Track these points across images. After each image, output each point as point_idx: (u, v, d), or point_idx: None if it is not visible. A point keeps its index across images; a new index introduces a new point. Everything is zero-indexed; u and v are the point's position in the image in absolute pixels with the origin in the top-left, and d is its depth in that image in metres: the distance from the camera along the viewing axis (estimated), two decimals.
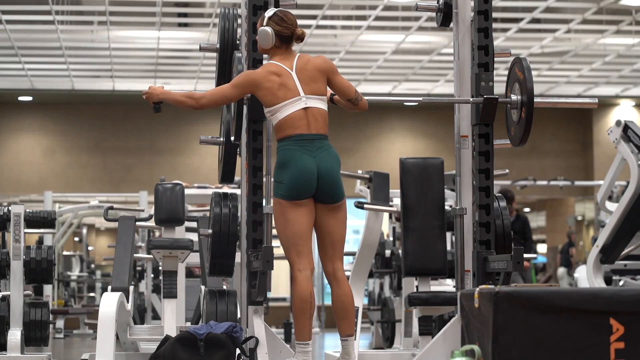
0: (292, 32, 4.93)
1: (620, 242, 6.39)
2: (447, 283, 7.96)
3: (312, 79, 4.88)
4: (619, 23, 12.82)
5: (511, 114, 5.19)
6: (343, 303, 4.87)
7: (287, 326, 11.22)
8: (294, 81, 4.86)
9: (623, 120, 6.39)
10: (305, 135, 4.82)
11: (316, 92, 4.88)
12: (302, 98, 4.85)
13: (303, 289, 4.79)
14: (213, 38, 12.55)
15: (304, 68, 4.89)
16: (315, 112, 4.85)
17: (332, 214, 4.88)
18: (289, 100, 4.83)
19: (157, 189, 7.00)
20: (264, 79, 4.85)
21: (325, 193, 4.83)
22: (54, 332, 11.88)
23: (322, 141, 4.85)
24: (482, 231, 5.09)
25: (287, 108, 4.83)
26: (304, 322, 4.78)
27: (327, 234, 4.91)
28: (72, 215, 13.47)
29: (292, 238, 4.83)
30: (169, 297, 6.71)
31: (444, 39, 13.07)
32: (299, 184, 4.77)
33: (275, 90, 4.84)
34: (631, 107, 17.47)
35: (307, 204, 4.82)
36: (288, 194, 4.79)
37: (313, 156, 4.81)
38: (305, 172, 4.78)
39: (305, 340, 4.78)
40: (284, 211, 4.82)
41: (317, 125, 4.85)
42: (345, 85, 4.97)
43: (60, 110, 16.77)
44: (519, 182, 14.62)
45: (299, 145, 4.81)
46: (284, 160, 4.82)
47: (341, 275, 4.92)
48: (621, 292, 4.16)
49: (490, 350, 3.99)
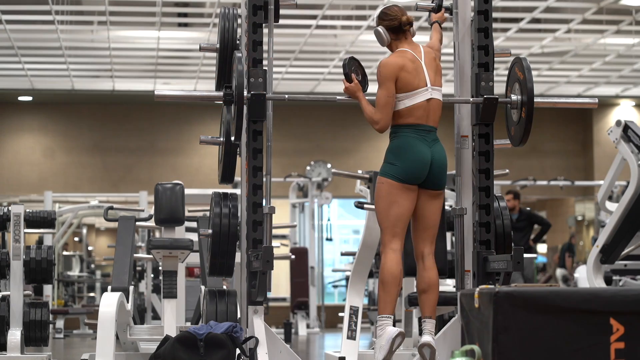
0: (399, 21, 5.14)
1: (620, 242, 6.39)
2: (447, 283, 7.95)
3: (435, 70, 5.07)
4: (619, 23, 12.82)
5: (511, 114, 5.19)
6: (425, 283, 5.01)
7: (287, 326, 11.22)
8: (423, 71, 5.03)
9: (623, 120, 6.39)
10: (424, 126, 4.98)
11: (438, 83, 5.07)
12: (428, 89, 5.01)
13: (395, 266, 4.93)
14: (213, 38, 12.54)
15: (430, 58, 5.08)
16: (435, 104, 5.02)
17: (432, 200, 5.02)
18: (418, 90, 4.99)
19: (157, 189, 7.00)
20: (404, 67, 5.01)
21: (433, 181, 4.98)
22: (54, 332, 11.88)
23: (435, 134, 5.03)
24: (482, 231, 5.09)
25: (414, 97, 4.99)
26: (391, 295, 4.92)
27: (423, 218, 5.03)
28: (72, 215, 13.47)
29: (393, 219, 4.97)
30: (169, 297, 6.71)
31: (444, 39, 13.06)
32: (414, 169, 4.93)
33: (411, 77, 4.99)
34: (631, 107, 17.46)
35: (415, 190, 4.97)
36: (401, 176, 4.94)
37: (429, 146, 4.96)
38: (421, 159, 4.93)
39: (388, 313, 4.90)
40: (391, 192, 4.96)
41: (434, 118, 5.02)
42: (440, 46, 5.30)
43: (60, 110, 16.76)
44: (519, 182, 14.62)
45: (418, 135, 4.97)
46: (401, 145, 4.97)
47: (429, 258, 5.04)
48: (621, 292, 4.16)
49: (490, 350, 3.99)
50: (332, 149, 16.69)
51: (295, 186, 14.75)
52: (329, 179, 14.65)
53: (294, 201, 14.65)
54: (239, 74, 4.94)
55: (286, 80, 15.55)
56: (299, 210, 14.75)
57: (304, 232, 14.73)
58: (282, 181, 14.49)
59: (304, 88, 16.07)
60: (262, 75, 5.04)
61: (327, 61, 14.55)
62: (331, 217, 14.84)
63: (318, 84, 15.83)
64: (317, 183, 14.40)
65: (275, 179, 13.50)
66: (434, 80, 5.04)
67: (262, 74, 5.05)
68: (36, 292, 12.15)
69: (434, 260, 5.06)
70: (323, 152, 16.37)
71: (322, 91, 16.03)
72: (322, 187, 14.44)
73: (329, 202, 14.36)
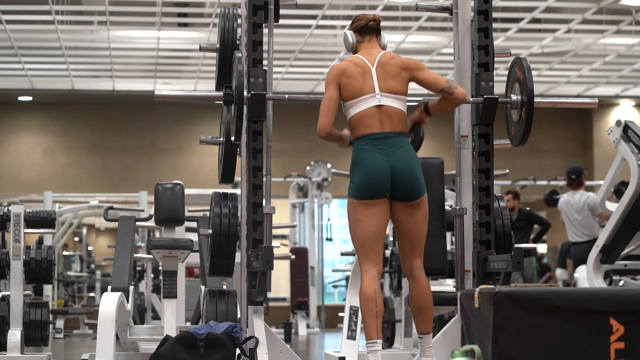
0: (366, 20, 5.01)
1: (620, 242, 6.39)
2: (447, 283, 7.96)
3: (391, 76, 4.83)
4: (619, 23, 12.82)
5: (511, 114, 5.19)
6: (419, 301, 4.81)
7: (287, 326, 11.22)
8: (372, 77, 4.84)
9: (623, 120, 6.39)
10: (377, 134, 4.77)
11: (393, 90, 4.82)
12: (375, 95, 4.81)
13: (367, 288, 4.72)
14: (213, 38, 12.54)
15: (387, 63, 4.86)
16: (389, 110, 4.79)
17: (410, 211, 4.79)
18: (363, 97, 4.81)
19: (157, 189, 7.00)
20: (345, 71, 4.85)
21: (401, 191, 4.75)
22: (54, 332, 11.88)
23: (397, 139, 4.78)
24: (482, 231, 5.09)
25: (359, 104, 4.81)
26: (371, 320, 4.71)
27: (405, 232, 4.83)
28: (72, 215, 13.47)
29: (360, 239, 4.78)
30: (169, 297, 6.70)
31: (444, 39, 13.07)
32: (369, 183, 4.72)
33: (354, 84, 4.82)
34: (631, 107, 17.47)
35: (380, 203, 4.75)
36: (358, 193, 4.75)
37: (386, 155, 4.74)
38: (375, 171, 4.72)
39: (372, 339, 4.70)
40: (354, 211, 4.78)
41: (391, 124, 4.78)
42: (432, 78, 4.85)
43: (60, 110, 16.77)
44: (519, 182, 14.62)
45: (371, 145, 4.76)
46: (355, 159, 4.79)
47: (419, 273, 4.83)
48: (621, 292, 4.16)
49: (490, 350, 3.99)
50: (332, 149, 16.60)
51: (295, 186, 14.75)
52: (329, 179, 14.65)
53: (294, 201, 14.65)
54: (239, 74, 4.93)
55: (286, 80, 15.56)
56: (299, 210, 14.75)
57: (304, 232, 14.73)
58: (282, 181, 14.49)
59: (304, 88, 16.07)
60: (262, 75, 5.05)
61: (327, 61, 14.55)
62: (331, 217, 14.84)
63: (318, 84, 15.83)
64: (317, 183, 14.40)
65: (275, 179, 13.51)
66: (385, 86, 4.80)
67: (262, 74, 5.05)
68: (36, 292, 12.15)
69: (424, 274, 4.86)
70: (323, 152, 16.37)
71: (322, 91, 15.99)
72: (322, 187, 14.44)
73: (329, 202, 14.36)
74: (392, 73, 4.83)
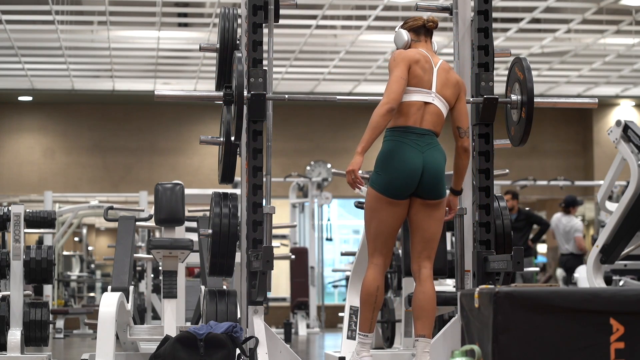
0: (422, 21, 4.99)
1: (620, 242, 6.39)
2: (447, 283, 7.96)
3: (448, 84, 4.85)
4: (619, 23, 12.82)
5: (511, 114, 5.19)
6: (420, 302, 4.78)
7: (287, 326, 11.22)
8: (433, 75, 4.84)
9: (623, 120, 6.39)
10: (416, 129, 4.77)
11: (446, 96, 4.84)
12: (431, 93, 4.82)
13: (369, 282, 4.76)
14: (213, 38, 12.54)
15: (445, 70, 4.87)
16: (433, 110, 4.80)
17: (428, 210, 4.78)
18: (421, 89, 4.81)
19: (157, 189, 7.00)
20: (414, 58, 4.83)
21: (427, 190, 4.74)
22: (54, 332, 11.88)
23: (432, 137, 4.79)
24: (482, 231, 5.09)
25: (413, 94, 4.81)
26: (366, 313, 4.75)
27: (419, 230, 4.80)
28: (72, 215, 13.47)
29: (374, 234, 4.79)
30: (169, 297, 6.70)
31: (444, 39, 13.06)
32: (400, 181, 4.70)
33: (419, 73, 4.82)
34: (631, 107, 17.46)
35: (402, 204, 4.75)
36: (384, 188, 4.74)
37: (421, 152, 4.74)
38: (408, 168, 4.70)
39: (365, 331, 4.75)
40: (375, 205, 4.77)
41: (432, 122, 4.79)
42: (464, 111, 4.90)
43: (60, 110, 16.76)
44: (519, 182, 14.61)
45: (408, 139, 4.75)
46: (389, 151, 4.76)
47: (425, 274, 4.79)
48: (621, 292, 4.16)
49: (490, 350, 3.99)
50: (332, 149, 16.69)
51: (295, 186, 14.75)
52: (329, 179, 14.64)
53: (294, 201, 14.65)
54: (239, 74, 4.93)
55: (286, 80, 15.55)
56: (299, 210, 14.75)
57: (304, 232, 14.73)
58: (282, 181, 14.49)
59: (304, 88, 16.07)
60: (262, 75, 5.05)
61: (327, 61, 14.54)
62: (331, 217, 14.83)
63: (318, 84, 15.83)
64: (317, 183, 14.40)
65: (275, 179, 13.51)
66: (440, 89, 4.83)
67: (262, 74, 5.05)
68: (36, 292, 12.15)
69: (431, 279, 4.80)
70: (323, 152, 16.38)
71: (322, 91, 16.03)
72: (322, 187, 14.44)
73: (329, 202, 14.36)
74: (449, 82, 4.86)
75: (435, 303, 4.80)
